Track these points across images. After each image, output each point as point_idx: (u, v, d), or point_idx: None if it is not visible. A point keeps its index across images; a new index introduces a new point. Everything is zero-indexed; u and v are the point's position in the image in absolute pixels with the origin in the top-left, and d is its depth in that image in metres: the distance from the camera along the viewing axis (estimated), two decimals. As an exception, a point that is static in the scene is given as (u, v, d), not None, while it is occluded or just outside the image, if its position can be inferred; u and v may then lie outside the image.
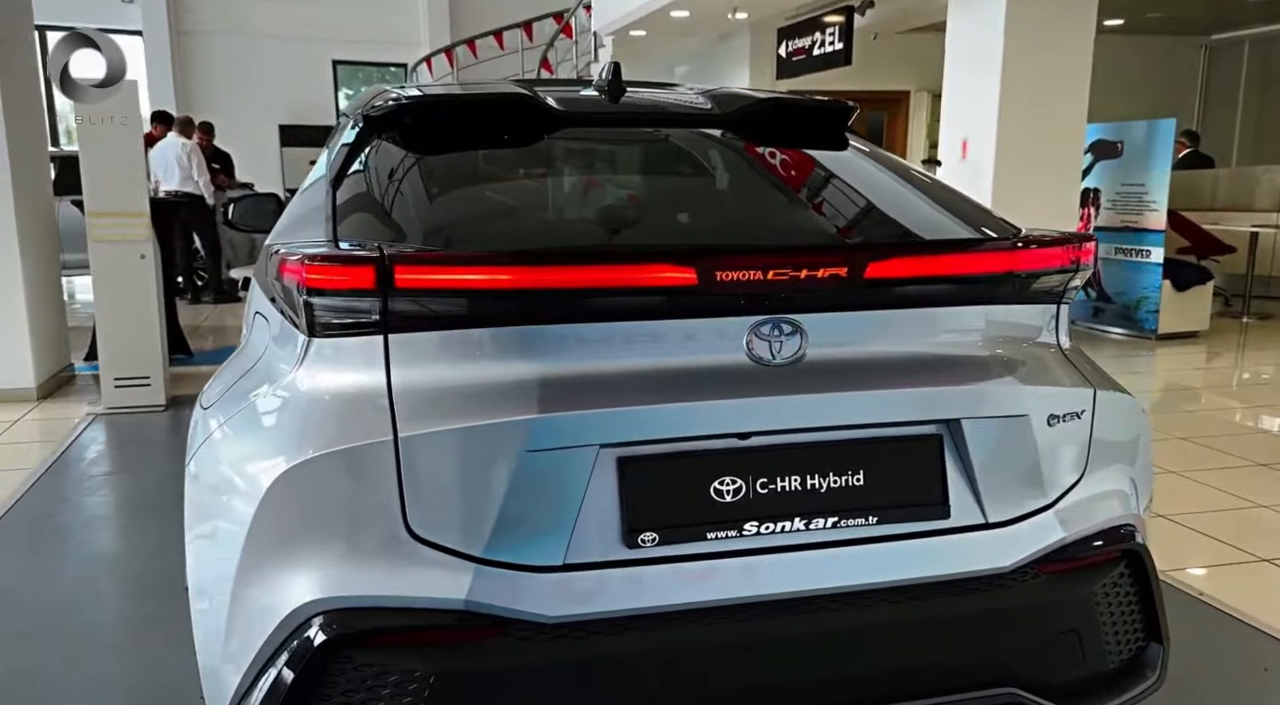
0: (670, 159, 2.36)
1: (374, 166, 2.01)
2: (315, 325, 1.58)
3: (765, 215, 2.15)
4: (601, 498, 1.54)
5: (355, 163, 2.03)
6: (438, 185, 2.03)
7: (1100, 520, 1.80)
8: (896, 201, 2.09)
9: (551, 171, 2.23)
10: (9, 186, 5.62)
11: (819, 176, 2.23)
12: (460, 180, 2.10)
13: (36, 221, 6.02)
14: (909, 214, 2.07)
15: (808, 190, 2.23)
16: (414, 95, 2.11)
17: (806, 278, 1.61)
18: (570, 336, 1.56)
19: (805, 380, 1.62)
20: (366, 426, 1.50)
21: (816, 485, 1.63)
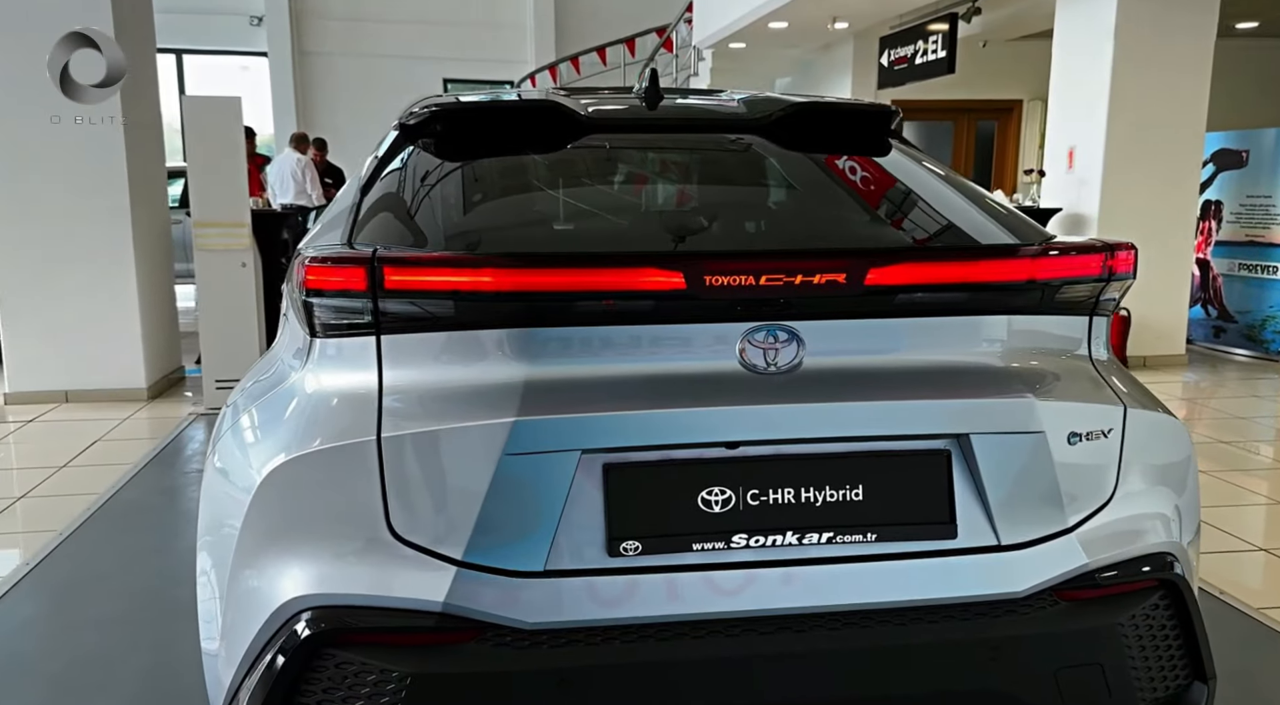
0: (702, 167, 2.33)
1: (403, 172, 2.05)
2: (315, 325, 1.62)
3: (786, 221, 2.09)
4: (584, 504, 1.52)
5: (386, 169, 2.08)
6: (463, 191, 2.05)
7: (1132, 547, 1.67)
8: (928, 208, 2.01)
9: (578, 178, 2.22)
10: (127, 202, 5.98)
11: (848, 181, 2.16)
12: (486, 186, 2.12)
13: (152, 233, 6.39)
14: (938, 221, 1.98)
15: (835, 196, 2.17)
16: (445, 102, 2.14)
17: (802, 284, 1.55)
18: (556, 340, 1.55)
19: (801, 389, 1.57)
20: (352, 426, 1.53)
21: (811, 499, 1.57)
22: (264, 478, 1.53)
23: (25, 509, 4.28)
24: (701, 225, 1.96)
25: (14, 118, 5.77)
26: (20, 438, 5.46)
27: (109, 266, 6.01)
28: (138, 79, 6.18)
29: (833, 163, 2.20)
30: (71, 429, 5.53)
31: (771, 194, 2.21)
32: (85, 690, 2.68)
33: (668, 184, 2.31)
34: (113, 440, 5.32)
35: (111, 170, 5.91)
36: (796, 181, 2.20)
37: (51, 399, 6.09)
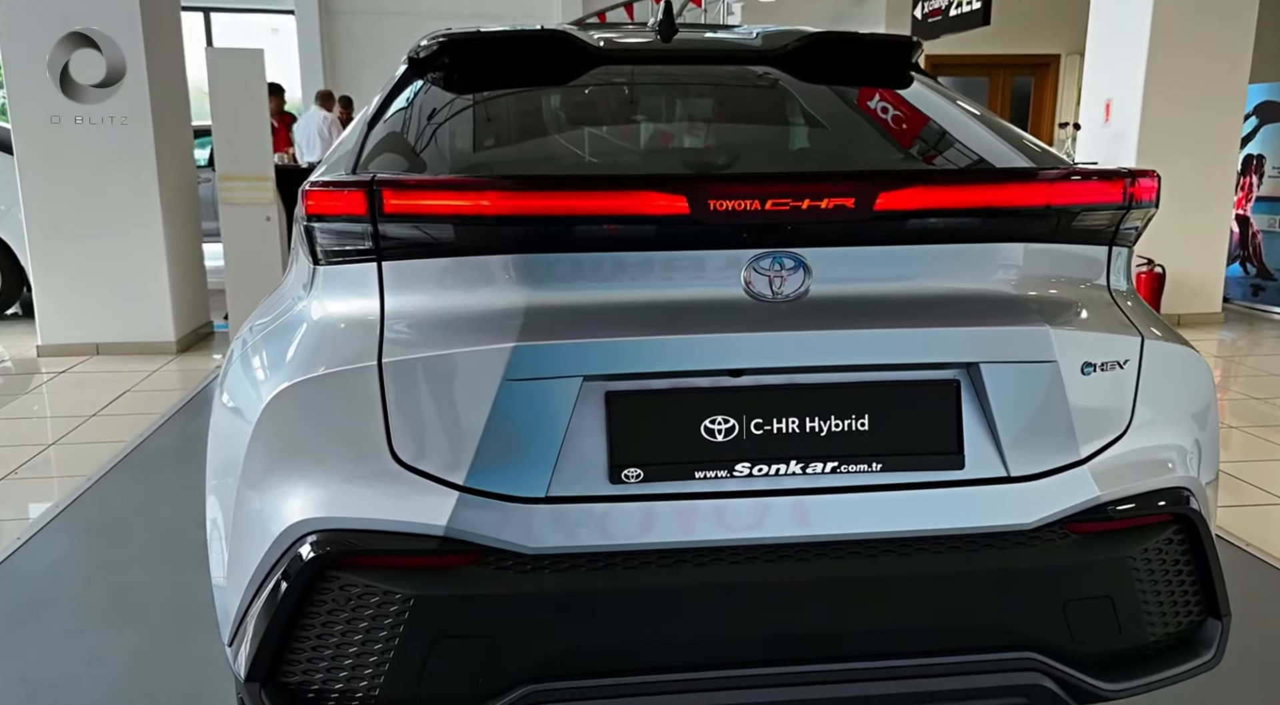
0: (716, 99, 2.28)
1: (411, 106, 2.03)
2: (317, 252, 1.61)
3: (799, 152, 2.05)
4: (586, 431, 1.51)
5: (394, 103, 2.06)
6: (471, 123, 2.03)
7: (1146, 481, 1.64)
8: (946, 137, 1.96)
9: (588, 110, 2.19)
10: (153, 158, 6.01)
11: (866, 112, 2.11)
12: (494, 118, 2.10)
13: (178, 190, 6.42)
14: (956, 149, 1.94)
15: (851, 127, 2.12)
16: (454, 34, 2.11)
17: (810, 208, 1.52)
18: (558, 265, 1.53)
19: (807, 317, 1.54)
20: (354, 352, 1.52)
21: (816, 428, 1.55)
22: (267, 403, 1.53)
23: (57, 455, 4.36)
24: (711, 155, 1.93)
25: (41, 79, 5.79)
26: (52, 388, 5.56)
27: (136, 222, 6.06)
28: (160, 33, 6.18)
29: (850, 94, 2.15)
30: (102, 380, 5.62)
31: (785, 126, 2.16)
32: (115, 621, 2.74)
33: (680, 116, 2.26)
34: (142, 391, 5.40)
35: (138, 127, 5.93)
36: (812, 113, 2.15)
37: (83, 351, 6.19)
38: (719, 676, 1.52)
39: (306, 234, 1.61)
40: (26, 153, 5.92)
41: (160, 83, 6.10)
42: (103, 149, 5.93)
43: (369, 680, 1.48)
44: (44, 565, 3.16)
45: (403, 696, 1.48)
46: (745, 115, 2.19)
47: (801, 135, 2.14)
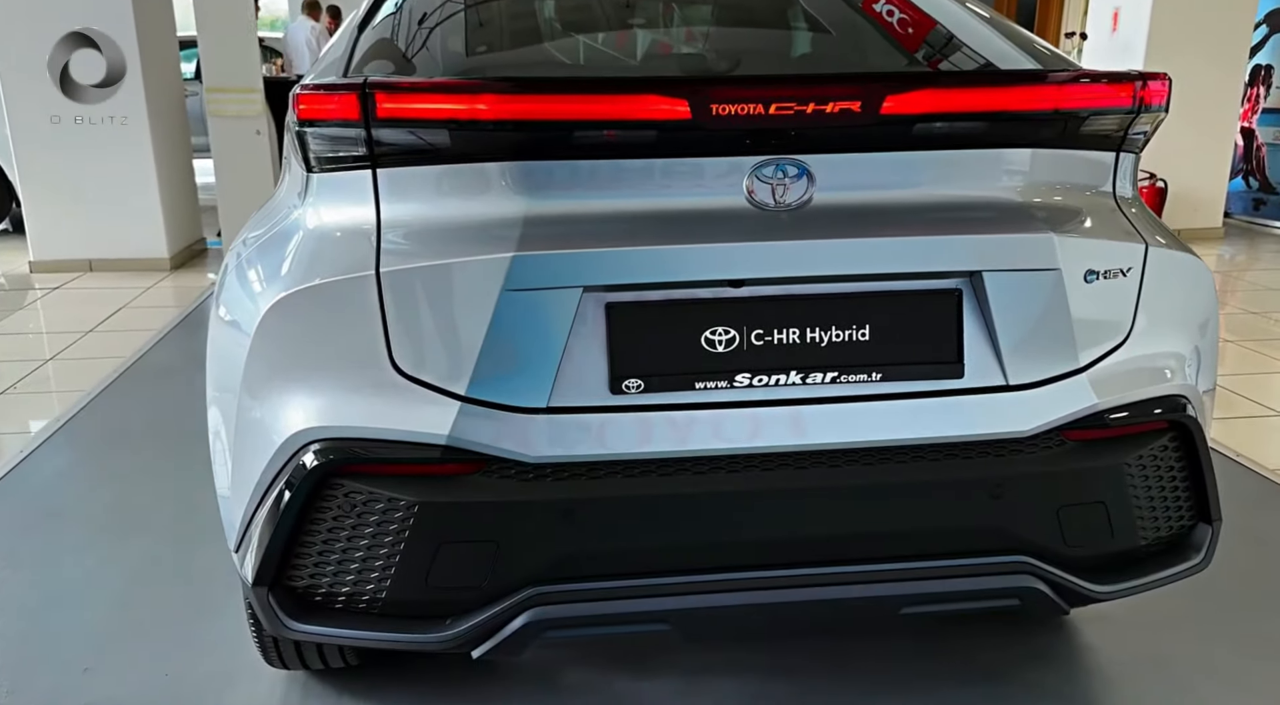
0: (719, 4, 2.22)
1: (402, 8, 1.98)
2: (310, 159, 1.58)
3: (805, 56, 2.00)
4: (586, 342, 1.51)
5: (385, 5, 2.01)
6: (464, 25, 1.98)
7: (1143, 389, 1.65)
8: (954, 40, 1.90)
9: (587, 14, 2.13)
10: (139, 66, 5.86)
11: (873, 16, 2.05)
12: (489, 20, 2.04)
13: (166, 102, 6.28)
14: (964, 52, 1.89)
15: (859, 32, 2.06)
16: None
17: (814, 113, 1.49)
18: (556, 173, 1.51)
19: (809, 226, 1.52)
20: (351, 261, 1.51)
21: (816, 339, 1.54)
22: (264, 314, 1.52)
23: (55, 370, 4.37)
24: (713, 61, 1.88)
25: None
26: (46, 304, 5.53)
27: (124, 135, 5.95)
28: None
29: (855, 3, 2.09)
30: (96, 296, 5.60)
31: (788, 31, 2.11)
32: (119, 530, 2.78)
33: (680, 19, 2.20)
34: (138, 307, 5.38)
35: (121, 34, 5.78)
36: (816, 17, 2.10)
37: (76, 268, 6.14)
38: (718, 579, 1.54)
39: (299, 139, 1.58)
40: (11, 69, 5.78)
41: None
42: (86, 64, 5.78)
43: (375, 583, 1.51)
44: (49, 476, 3.20)
45: (408, 599, 1.52)
46: (747, 19, 2.14)
47: (805, 40, 2.08)
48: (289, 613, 1.54)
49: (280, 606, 1.54)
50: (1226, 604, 2.38)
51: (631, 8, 2.14)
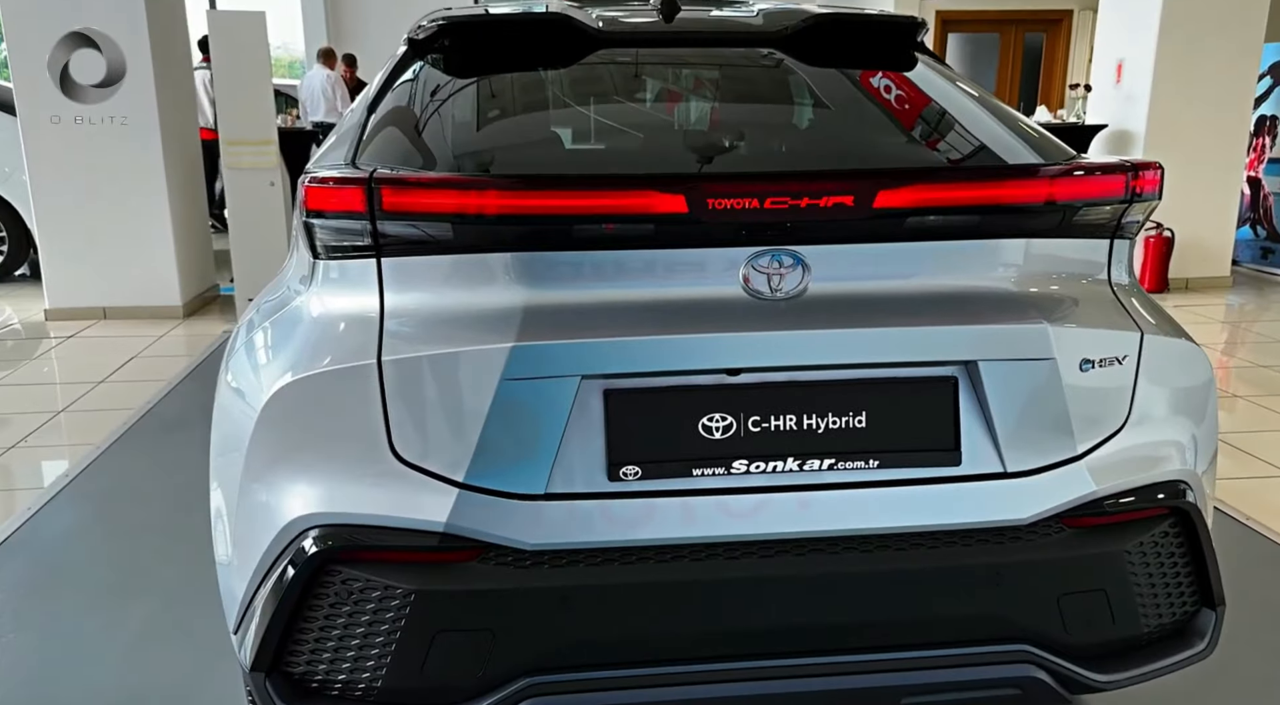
0: (718, 83, 2.26)
1: (411, 90, 2.02)
2: (317, 247, 1.62)
3: (801, 140, 2.03)
4: (584, 429, 1.52)
5: (394, 86, 2.05)
6: (471, 108, 2.02)
7: (1143, 475, 1.65)
8: (949, 125, 1.94)
9: (588, 95, 2.17)
10: (155, 115, 5.97)
11: (871, 96, 2.08)
12: (494, 103, 2.08)
13: (183, 150, 6.39)
14: (959, 138, 1.92)
15: (855, 113, 2.09)
16: (453, 15, 2.09)
17: (809, 207, 1.51)
18: (556, 264, 1.54)
19: (805, 316, 1.54)
20: (354, 348, 1.53)
21: (813, 426, 1.56)
22: (269, 398, 1.55)
23: (66, 422, 4.40)
24: (713, 145, 1.91)
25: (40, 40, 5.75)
26: (60, 353, 5.59)
27: (140, 184, 6.04)
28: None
29: (853, 78, 2.12)
30: (109, 345, 5.65)
31: (788, 111, 2.14)
32: (125, 591, 2.79)
33: (682, 102, 2.24)
34: (149, 357, 5.43)
35: (139, 87, 5.89)
36: (815, 98, 2.13)
37: (90, 315, 6.21)
38: (716, 670, 1.54)
39: (306, 229, 1.61)
40: (30, 115, 5.89)
41: (160, 38, 6.04)
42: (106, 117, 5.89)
43: (372, 672, 1.52)
44: (56, 534, 3.21)
45: (404, 687, 1.52)
46: (749, 100, 2.17)
47: (805, 121, 2.12)
48: (286, 699, 1.54)
49: (277, 692, 1.54)
50: (1243, 678, 2.35)
51: (637, 87, 2.18)
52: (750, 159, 1.87)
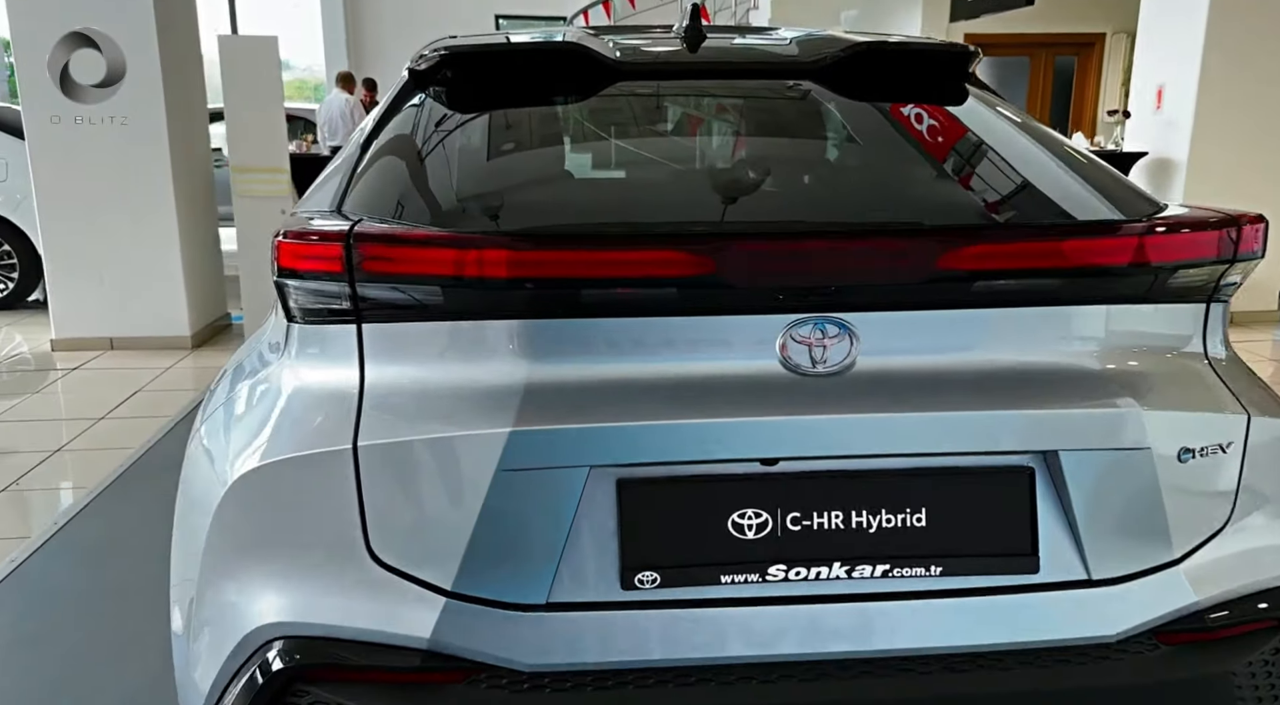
0: (750, 121, 2.04)
1: (409, 126, 1.82)
2: (290, 310, 1.41)
3: (845, 188, 1.80)
4: (593, 527, 1.30)
5: (391, 121, 1.85)
6: (475, 149, 1.81)
7: (1250, 581, 1.41)
8: (1013, 171, 1.71)
9: (605, 134, 1.96)
10: (165, 141, 5.83)
11: (918, 138, 1.86)
12: (500, 143, 1.87)
13: (193, 176, 6.25)
14: (1025, 187, 1.69)
15: (903, 157, 1.86)
16: (457, 45, 1.88)
17: (858, 268, 1.29)
18: (562, 334, 1.32)
19: (854, 395, 1.31)
20: (327, 431, 1.32)
21: (864, 524, 1.32)
22: (228, 487, 1.34)
23: (62, 463, 4.22)
24: (745, 195, 1.69)
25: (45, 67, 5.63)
26: (63, 387, 5.43)
27: (149, 212, 5.90)
28: (174, 13, 5.99)
29: (900, 115, 1.90)
30: (113, 377, 5.49)
31: (829, 154, 1.92)
32: (103, 659, 2.58)
33: (709, 143, 2.02)
34: (153, 391, 5.26)
35: (149, 112, 5.76)
36: (858, 138, 1.90)
37: (97, 346, 6.06)
38: None
39: (278, 290, 1.40)
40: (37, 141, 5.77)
41: (172, 61, 5.91)
42: (116, 137, 5.76)
43: (342, 813, 1.29)
44: (36, 593, 3.01)
45: None
46: (783, 141, 1.95)
47: (848, 166, 1.89)
48: None
49: None
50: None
51: (658, 126, 1.97)
52: (787, 211, 1.64)
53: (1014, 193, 1.72)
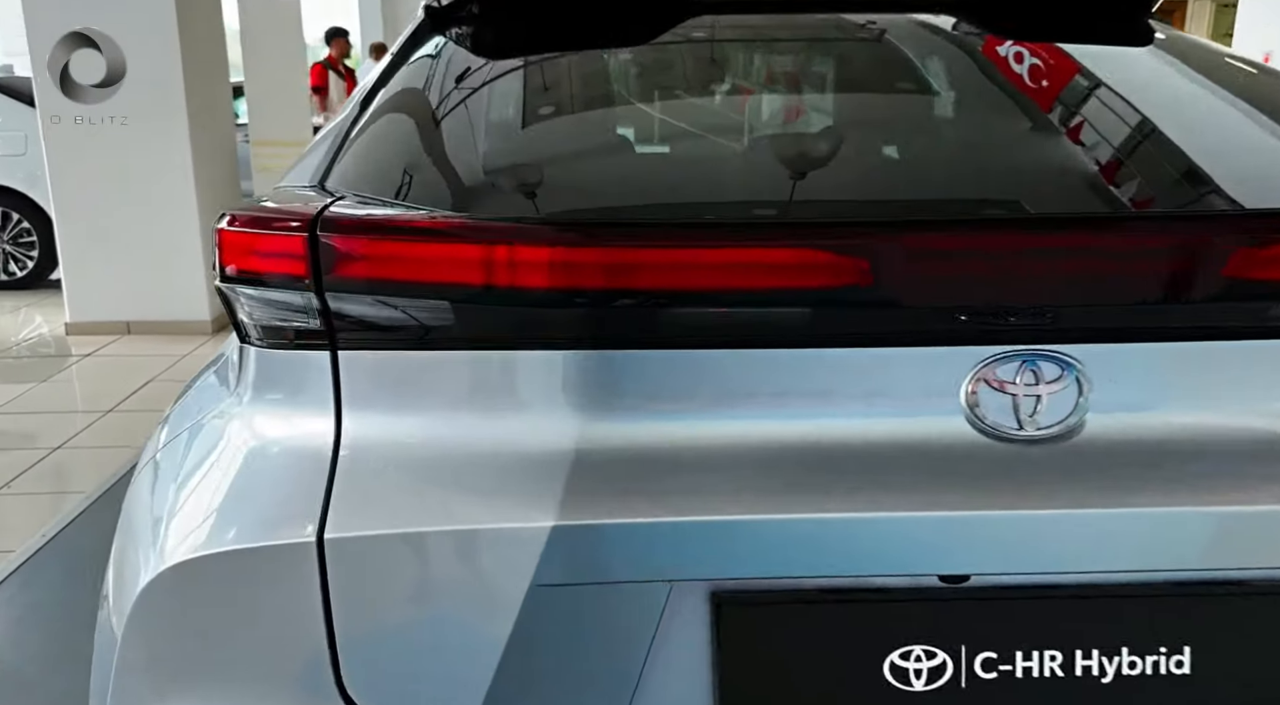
0: (876, 71, 1.54)
1: (424, 79, 1.38)
2: (239, 326, 0.98)
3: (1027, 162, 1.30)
4: (676, 670, 0.86)
5: (399, 71, 1.41)
6: (506, 107, 1.36)
7: None
8: (1251, 136, 1.23)
9: (675, 87, 1.49)
10: (184, 116, 5.46)
11: (1107, 95, 1.37)
12: (544, 101, 1.42)
13: (214, 152, 5.88)
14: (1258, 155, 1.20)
15: (1092, 120, 1.36)
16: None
17: (1096, 277, 0.83)
18: (632, 375, 0.87)
19: (1083, 473, 0.86)
20: (283, 514, 0.89)
21: (1097, 670, 0.87)
22: (142, 586, 0.92)
23: (61, 461, 3.89)
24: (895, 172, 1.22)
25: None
26: (74, 375, 5.13)
27: (168, 190, 5.55)
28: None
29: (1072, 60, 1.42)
30: (127, 365, 5.16)
31: (992, 115, 1.41)
32: None
33: (818, 101, 1.53)
34: (166, 381, 4.91)
35: (168, 86, 5.39)
36: (1029, 95, 1.42)
37: (113, 330, 5.73)
38: None
39: (222, 298, 0.98)
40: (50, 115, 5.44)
41: (190, 32, 5.52)
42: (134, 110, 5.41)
43: None
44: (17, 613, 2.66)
45: None
46: (920, 102, 1.45)
47: (1011, 132, 1.39)
48: None
49: None
50: None
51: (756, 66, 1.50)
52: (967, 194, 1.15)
53: (1232, 158, 1.22)
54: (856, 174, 1.16)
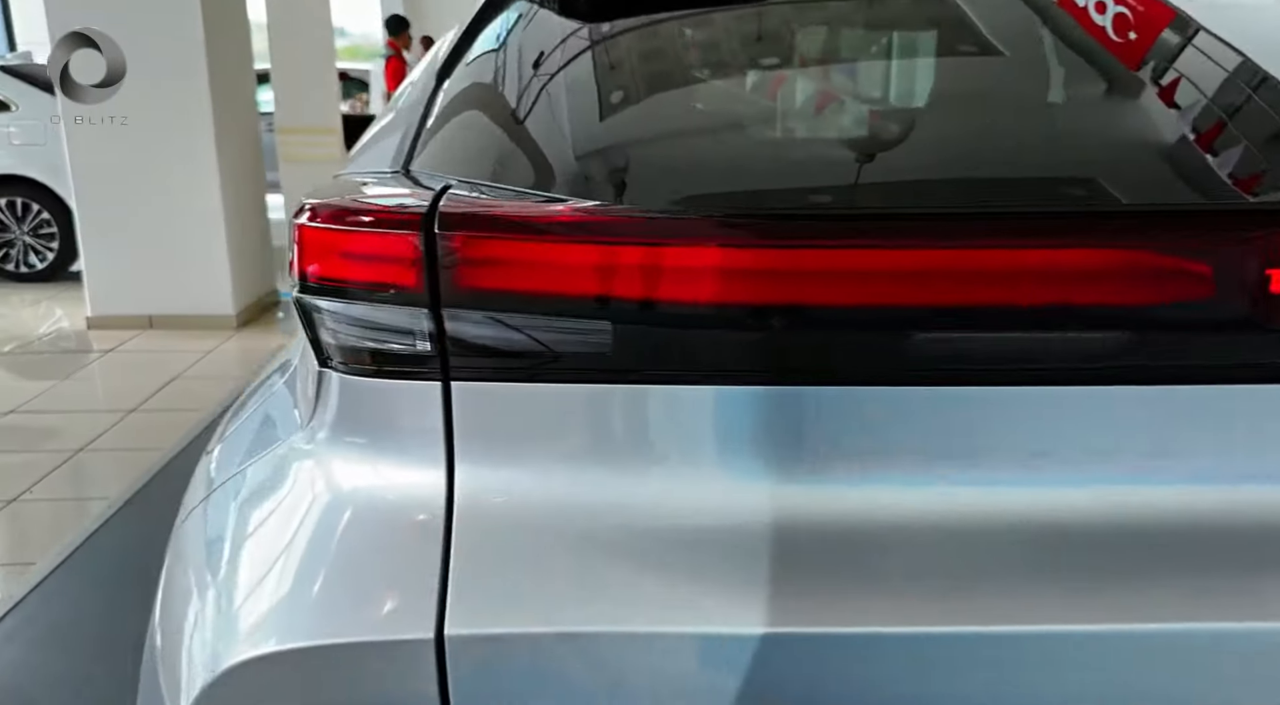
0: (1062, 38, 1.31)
1: (505, 49, 1.17)
2: (322, 348, 0.77)
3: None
4: None
5: (476, 43, 1.20)
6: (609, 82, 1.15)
7: None
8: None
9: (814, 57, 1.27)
10: (209, 105, 5.28)
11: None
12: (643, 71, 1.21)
13: (240, 142, 5.69)
14: None
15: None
16: None
17: None
18: (853, 420, 0.66)
19: None
20: (387, 602, 0.68)
21: None
22: (201, 689, 0.71)
23: (83, 464, 3.71)
24: (1129, 149, 0.99)
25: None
26: (96, 371, 4.96)
27: (191, 180, 5.37)
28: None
29: None
30: (150, 362, 4.99)
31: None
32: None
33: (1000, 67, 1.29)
34: (191, 378, 4.74)
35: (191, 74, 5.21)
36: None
37: (135, 324, 5.56)
38: None
39: (303, 313, 0.77)
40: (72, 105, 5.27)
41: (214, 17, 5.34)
42: (155, 99, 5.23)
43: None
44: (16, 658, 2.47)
45: None
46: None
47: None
48: None
49: None
50: None
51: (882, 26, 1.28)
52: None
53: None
54: (1120, 156, 0.93)
